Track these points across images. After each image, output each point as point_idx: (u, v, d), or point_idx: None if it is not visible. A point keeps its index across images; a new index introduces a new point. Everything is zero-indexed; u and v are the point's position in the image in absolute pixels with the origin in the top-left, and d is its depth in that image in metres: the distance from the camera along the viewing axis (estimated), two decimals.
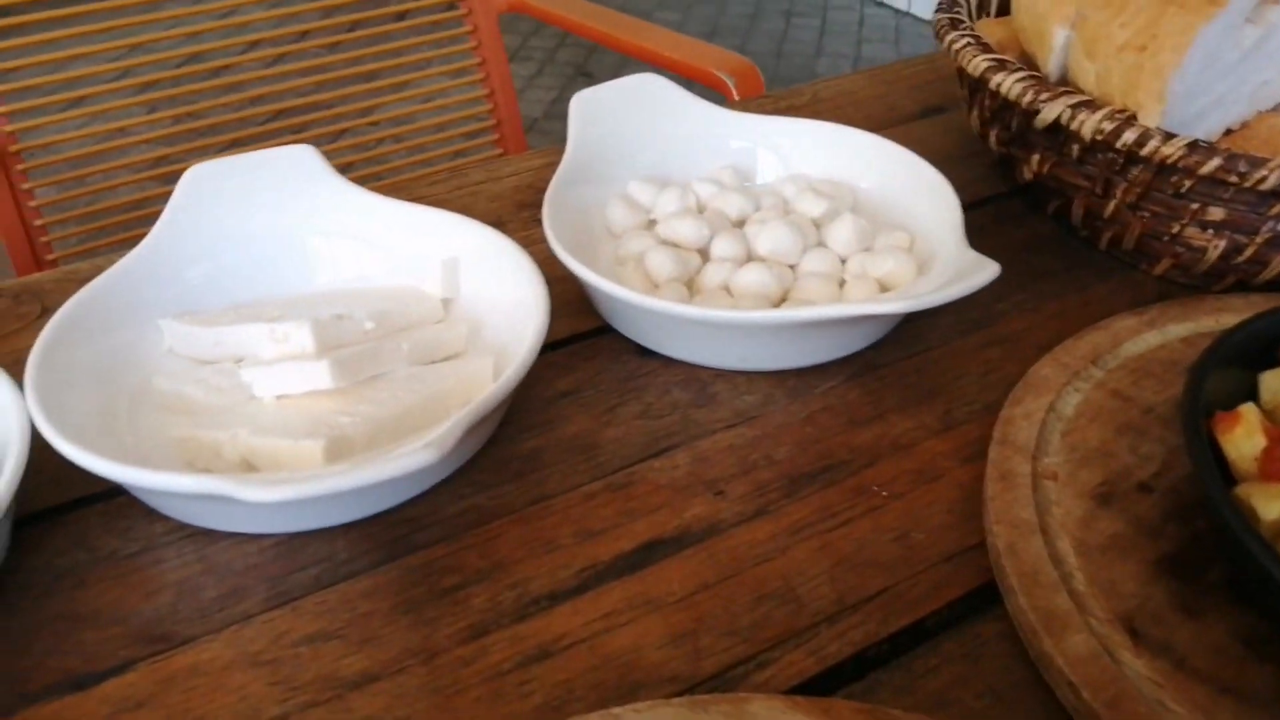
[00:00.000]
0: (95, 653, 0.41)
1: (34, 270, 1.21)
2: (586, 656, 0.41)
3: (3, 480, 0.41)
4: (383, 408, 0.47)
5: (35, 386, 0.45)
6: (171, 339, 0.54)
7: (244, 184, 0.58)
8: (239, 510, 0.45)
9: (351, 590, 0.44)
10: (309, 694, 0.40)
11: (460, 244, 0.57)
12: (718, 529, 0.46)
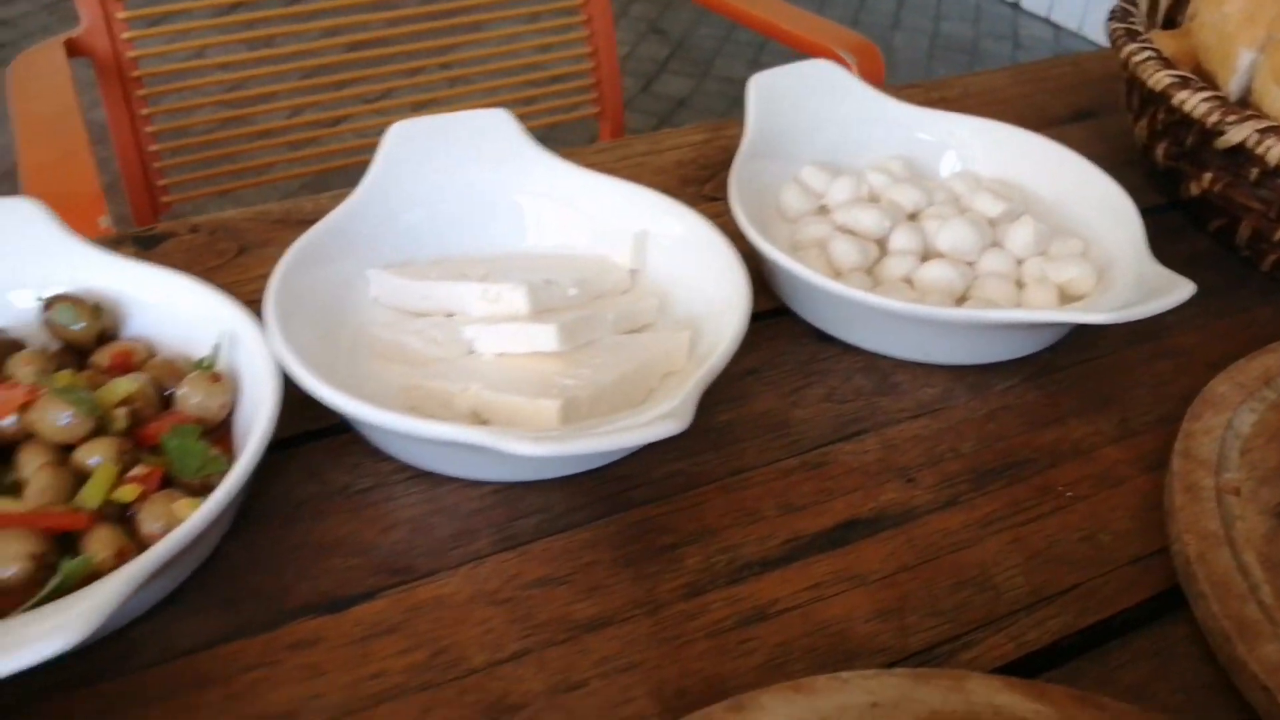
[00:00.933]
0: (343, 579, 0.45)
1: (147, 206, 1.24)
2: (800, 623, 0.44)
3: (266, 412, 0.45)
4: (599, 373, 0.51)
5: (277, 322, 0.48)
6: (378, 290, 0.57)
7: (448, 141, 0.61)
8: (471, 458, 0.48)
9: (573, 541, 0.47)
10: (547, 633, 0.43)
11: (650, 217, 0.60)
12: (912, 515, 0.49)
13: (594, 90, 1.52)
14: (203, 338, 0.51)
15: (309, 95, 1.39)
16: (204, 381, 0.48)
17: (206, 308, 0.51)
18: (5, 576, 0.40)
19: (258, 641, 0.42)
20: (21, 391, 0.45)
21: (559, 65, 1.50)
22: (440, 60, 1.46)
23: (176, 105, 1.27)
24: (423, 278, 0.56)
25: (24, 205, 0.54)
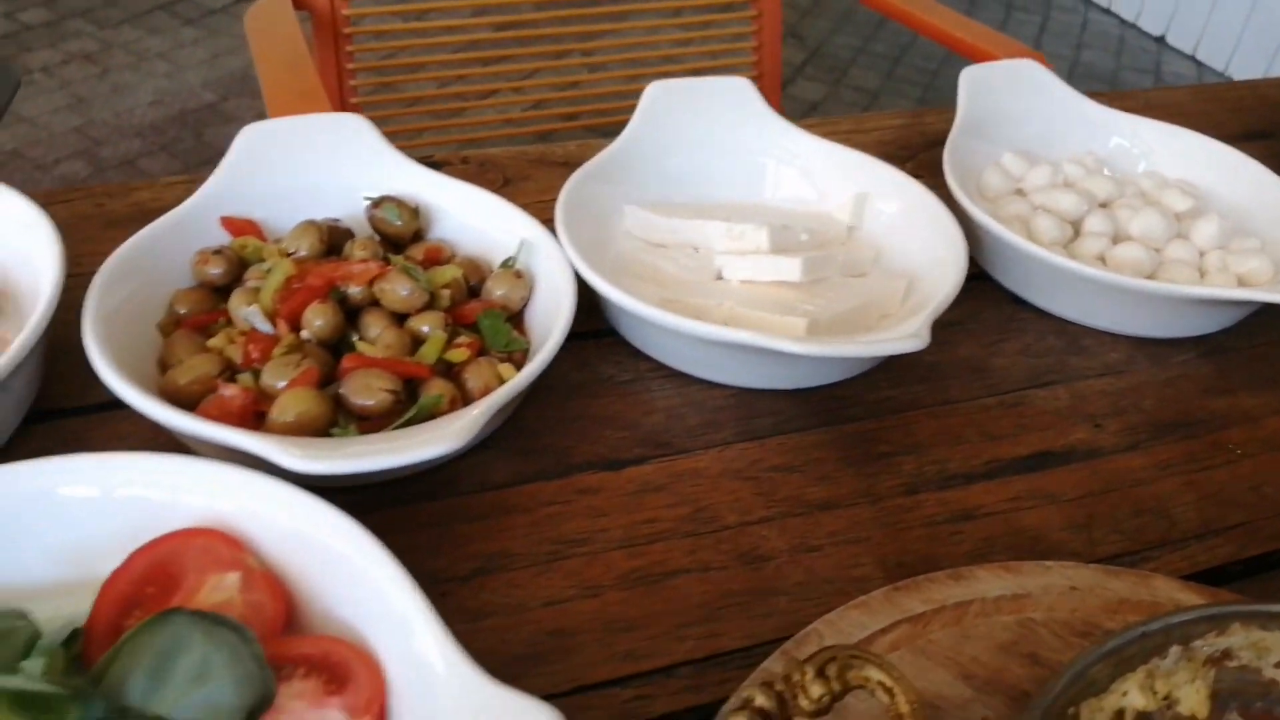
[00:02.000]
0: (615, 446, 0.55)
1: None
2: (1001, 525, 0.53)
3: (566, 305, 0.55)
4: (831, 305, 0.59)
5: (567, 235, 0.58)
6: (632, 222, 0.67)
7: (697, 101, 0.71)
8: (717, 362, 0.58)
9: (803, 440, 0.56)
10: (786, 506, 0.53)
11: (870, 181, 0.69)
12: (1098, 453, 0.57)
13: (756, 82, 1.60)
14: (494, 243, 0.62)
15: (458, 69, 1.50)
16: (508, 277, 0.58)
17: (502, 218, 0.62)
18: (371, 404, 0.50)
19: (552, 485, 0.52)
20: (375, 266, 0.56)
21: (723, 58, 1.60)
22: (582, 45, 1.57)
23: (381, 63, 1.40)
24: (672, 215, 0.66)
25: (352, 120, 0.65)
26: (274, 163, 0.63)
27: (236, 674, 0.36)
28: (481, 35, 1.49)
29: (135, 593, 0.41)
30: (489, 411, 0.47)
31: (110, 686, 0.36)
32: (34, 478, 0.42)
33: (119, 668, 0.36)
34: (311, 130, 0.64)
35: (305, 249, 0.58)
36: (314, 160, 0.63)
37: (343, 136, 0.64)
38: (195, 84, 2.83)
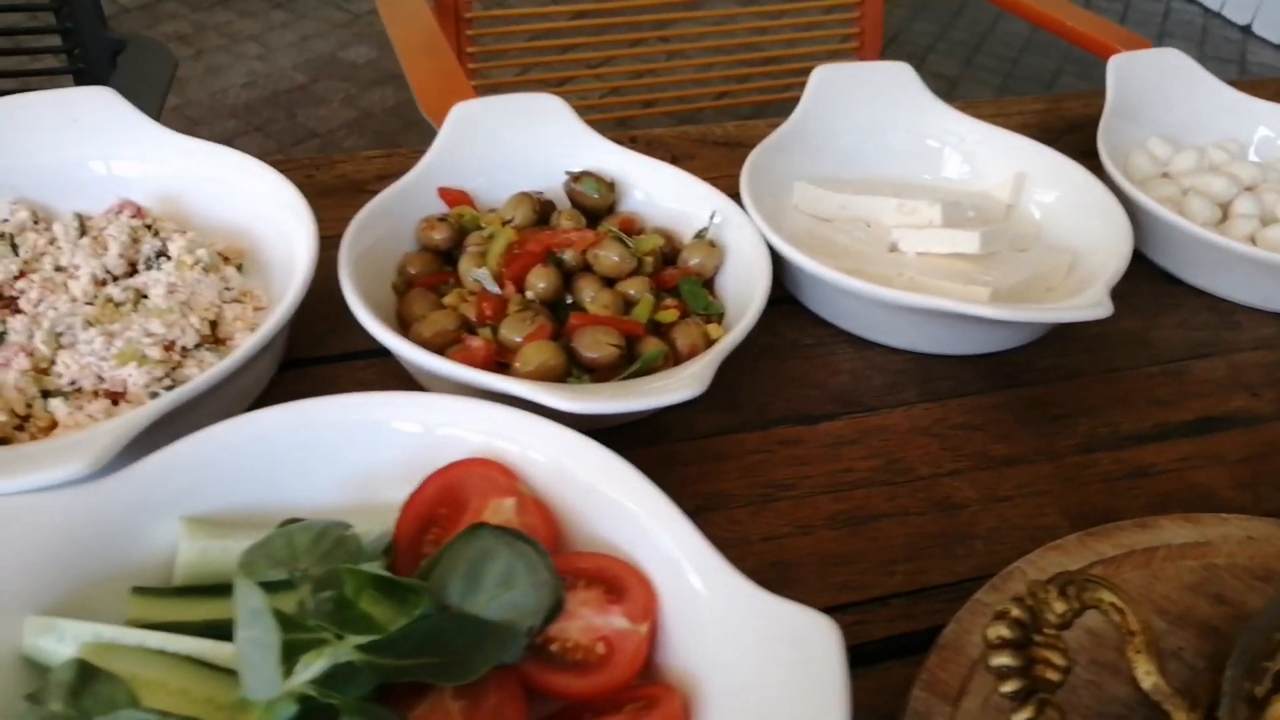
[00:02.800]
0: (807, 403, 0.60)
1: None
2: (1174, 483, 0.57)
3: (763, 274, 0.60)
4: (1005, 276, 0.64)
5: (754, 209, 0.63)
6: (800, 197, 0.72)
7: (861, 85, 0.75)
8: (899, 328, 0.62)
9: (981, 402, 0.61)
10: (972, 461, 0.57)
11: (1029, 161, 0.73)
12: (1259, 420, 0.61)
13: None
14: (679, 215, 0.67)
15: (535, 56, 1.55)
16: (703, 247, 0.64)
17: (691, 192, 0.67)
18: (599, 357, 0.56)
19: (755, 435, 0.58)
20: (591, 234, 0.62)
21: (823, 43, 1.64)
22: (659, 34, 1.61)
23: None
24: (840, 191, 0.71)
25: (551, 100, 0.70)
26: (482, 139, 0.68)
27: (536, 581, 0.42)
28: (560, 24, 1.54)
29: (430, 513, 0.47)
30: (717, 361, 0.52)
31: (432, 588, 0.42)
32: (367, 409, 0.48)
33: (439, 573, 0.42)
34: (515, 109, 0.70)
35: (520, 218, 0.64)
36: (517, 136, 0.69)
37: (543, 115, 0.70)
38: (286, 66, 2.92)
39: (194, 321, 0.56)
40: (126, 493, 0.45)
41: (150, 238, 0.61)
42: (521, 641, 0.40)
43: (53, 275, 0.58)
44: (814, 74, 0.75)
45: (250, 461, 0.47)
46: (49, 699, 0.38)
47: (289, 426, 0.48)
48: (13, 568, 0.41)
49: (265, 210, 0.63)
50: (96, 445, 0.44)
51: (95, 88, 0.67)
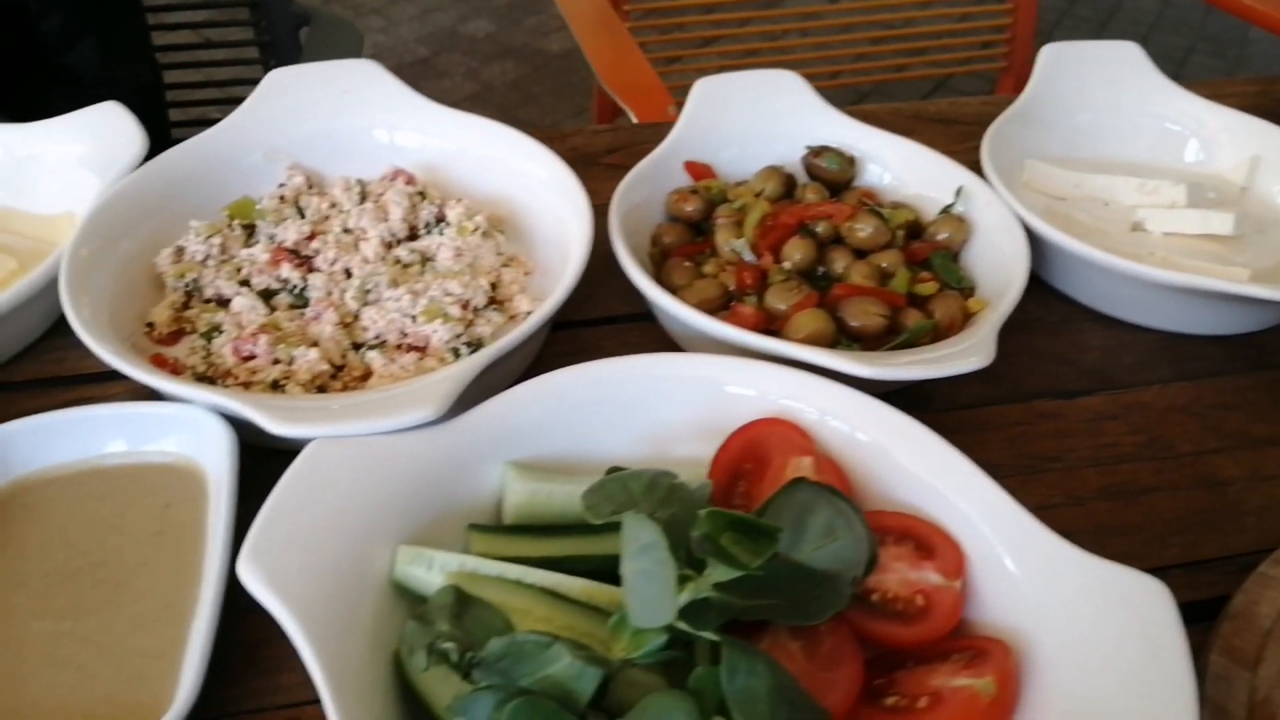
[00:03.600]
0: (1061, 379, 0.61)
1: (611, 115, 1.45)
2: None
3: (1021, 251, 0.61)
4: (1260, 259, 0.64)
5: (998, 181, 0.65)
6: (1031, 176, 0.73)
7: (1089, 64, 0.76)
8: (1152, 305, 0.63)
9: (1236, 383, 0.62)
10: (1233, 440, 0.58)
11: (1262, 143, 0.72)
12: None
13: (1006, 45, 1.63)
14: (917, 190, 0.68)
15: (649, 35, 1.57)
16: (952, 221, 0.65)
17: (934, 167, 0.68)
18: (866, 325, 0.58)
19: (1015, 408, 0.59)
20: (847, 206, 0.64)
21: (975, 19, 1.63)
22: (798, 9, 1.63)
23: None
24: (1074, 169, 0.71)
25: (788, 76, 0.72)
26: (724, 114, 0.71)
27: (855, 534, 0.44)
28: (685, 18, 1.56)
29: (737, 467, 0.50)
30: (995, 332, 0.54)
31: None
32: (664, 368, 0.52)
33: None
34: (754, 84, 0.72)
35: (770, 191, 0.66)
36: (757, 111, 0.71)
37: (781, 91, 0.72)
38: (408, 39, 2.98)
39: (483, 283, 0.60)
40: (461, 438, 0.49)
41: (426, 204, 0.65)
42: (849, 590, 0.43)
43: (342, 237, 0.63)
44: (1043, 52, 0.76)
45: (563, 414, 0.51)
46: (435, 620, 0.41)
47: (597, 383, 0.51)
48: (382, 501, 0.45)
49: (525, 180, 0.67)
50: (440, 393, 0.48)
51: (361, 60, 0.71)
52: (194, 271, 0.60)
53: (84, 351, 0.61)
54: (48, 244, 0.65)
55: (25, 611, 0.46)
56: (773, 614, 0.41)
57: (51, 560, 0.48)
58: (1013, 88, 1.66)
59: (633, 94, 1.14)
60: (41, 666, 0.44)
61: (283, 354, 0.55)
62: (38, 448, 0.51)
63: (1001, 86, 1.67)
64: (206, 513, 0.50)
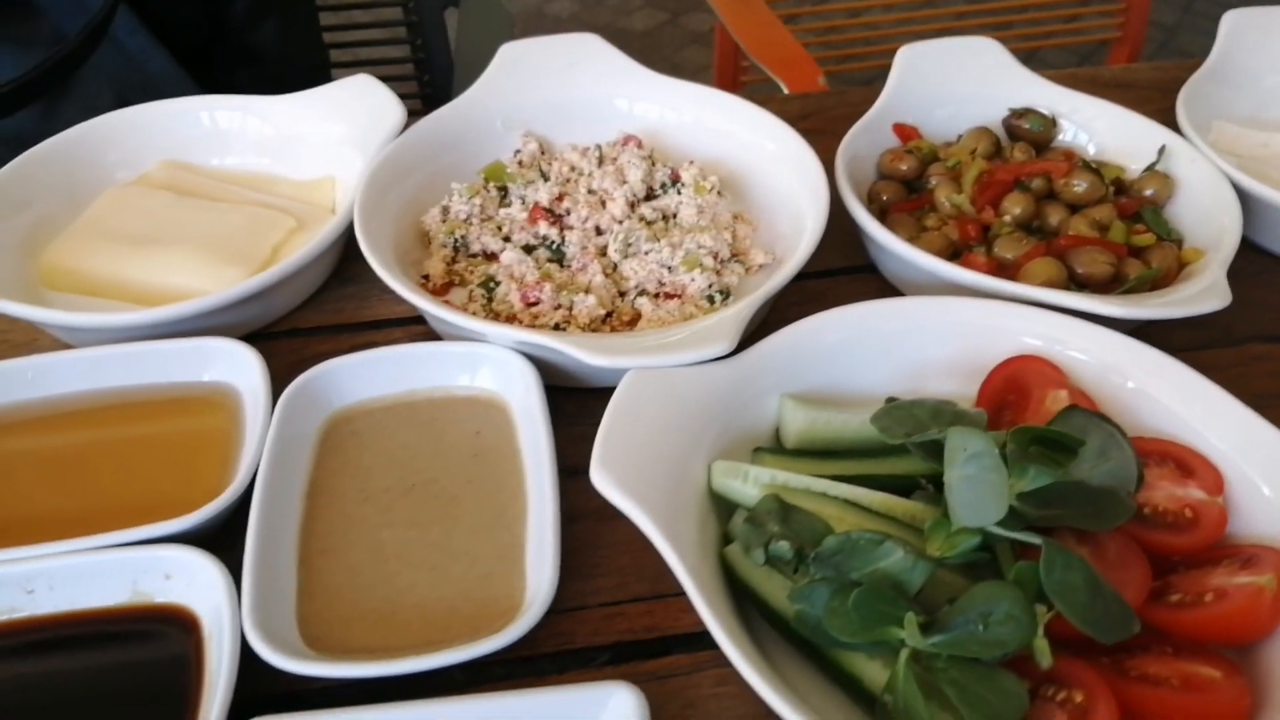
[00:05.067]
0: (1269, 324, 0.65)
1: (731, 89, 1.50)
2: None
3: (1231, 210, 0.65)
4: None
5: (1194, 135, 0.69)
6: (1219, 136, 0.76)
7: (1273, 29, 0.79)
8: None
9: None
10: None
11: None
12: None
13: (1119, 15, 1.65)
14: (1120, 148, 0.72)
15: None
16: (1157, 178, 0.69)
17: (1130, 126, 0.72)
18: (1094, 272, 0.62)
19: (1227, 352, 0.64)
20: (1065, 164, 0.68)
21: None
22: None
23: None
24: (1263, 129, 0.75)
25: (988, 43, 0.77)
26: (927, 78, 0.75)
27: (1125, 455, 0.49)
28: None
29: (1000, 398, 0.55)
30: (1223, 275, 0.59)
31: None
32: (929, 310, 0.58)
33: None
34: (955, 51, 0.77)
35: (982, 149, 0.71)
36: (959, 75, 0.76)
37: (979, 55, 0.77)
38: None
39: (726, 237, 0.65)
40: (746, 371, 0.54)
41: (659, 167, 0.71)
42: (1130, 502, 0.48)
43: (588, 197, 0.69)
44: (1226, 18, 0.80)
45: (832, 351, 0.56)
46: (765, 523, 0.47)
47: (862, 323, 0.57)
48: (689, 423, 0.51)
49: (741, 142, 0.72)
50: (732, 330, 0.54)
51: (582, 34, 0.77)
52: (460, 229, 0.67)
53: (359, 302, 0.69)
54: (312, 205, 0.72)
55: (375, 522, 0.53)
56: (1070, 520, 0.46)
57: (387, 479, 0.55)
58: (1127, 57, 1.69)
59: (783, 66, 1.18)
60: (400, 568, 0.51)
61: (564, 300, 0.61)
62: (358, 382, 0.58)
63: (1114, 57, 1.69)
64: (515, 438, 0.56)
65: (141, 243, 0.67)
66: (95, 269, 0.66)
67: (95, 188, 0.72)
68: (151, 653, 0.48)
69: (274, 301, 0.65)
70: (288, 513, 0.52)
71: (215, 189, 0.72)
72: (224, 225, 0.68)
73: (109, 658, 0.48)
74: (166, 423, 0.58)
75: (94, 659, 0.48)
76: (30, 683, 0.47)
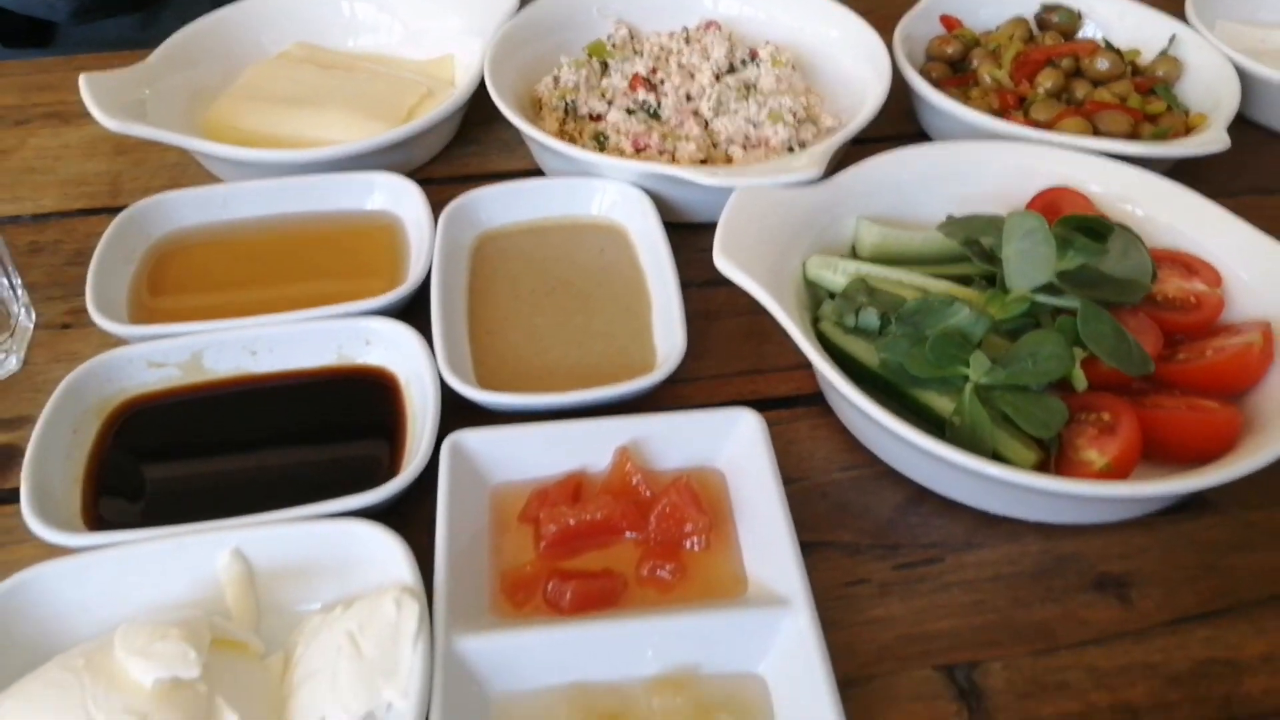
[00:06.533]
0: (1265, 176, 0.78)
1: None
2: None
3: (1229, 84, 0.78)
4: None
5: (1214, 37, 0.81)
6: (1220, 33, 0.88)
7: None
8: None
9: None
10: None
11: None
12: None
13: None
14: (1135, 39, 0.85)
15: None
16: (1168, 61, 0.81)
17: (1145, 19, 0.84)
18: (1115, 129, 0.75)
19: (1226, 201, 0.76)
20: (1090, 45, 0.80)
21: None
22: None
23: None
24: (1261, 28, 0.87)
25: None
26: None
27: (1142, 255, 0.62)
28: None
29: None
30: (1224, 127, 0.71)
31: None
32: (978, 151, 0.70)
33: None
34: None
35: (1019, 34, 0.83)
36: None
37: None
38: None
39: (802, 101, 0.77)
40: (829, 195, 0.66)
41: (739, 46, 0.82)
42: (1149, 286, 0.60)
43: (678, 69, 0.80)
44: None
45: (899, 184, 0.68)
46: (854, 298, 0.59)
47: (924, 160, 0.69)
48: (785, 229, 0.63)
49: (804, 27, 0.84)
50: (820, 160, 0.66)
51: None
52: (570, 94, 0.78)
53: (480, 158, 0.81)
54: (436, 79, 0.84)
55: (527, 313, 0.65)
56: (1100, 295, 0.59)
57: (532, 282, 0.67)
58: None
59: None
60: (551, 345, 0.63)
61: (669, 145, 0.73)
62: (501, 207, 0.70)
63: None
64: (635, 254, 0.68)
65: (293, 103, 0.79)
66: (253, 125, 0.78)
67: (245, 60, 0.83)
68: (360, 398, 0.60)
69: (413, 152, 0.77)
70: (457, 303, 0.64)
71: (351, 63, 0.84)
72: (364, 90, 0.80)
73: (324, 403, 0.60)
74: (343, 239, 0.70)
75: (310, 404, 0.60)
76: (258, 423, 0.59)
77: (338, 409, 0.60)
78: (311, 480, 0.56)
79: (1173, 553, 0.55)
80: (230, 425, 0.59)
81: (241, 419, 0.59)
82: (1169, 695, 0.49)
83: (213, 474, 0.57)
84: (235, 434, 0.59)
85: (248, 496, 0.53)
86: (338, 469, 0.57)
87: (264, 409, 0.60)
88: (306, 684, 0.45)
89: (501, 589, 0.50)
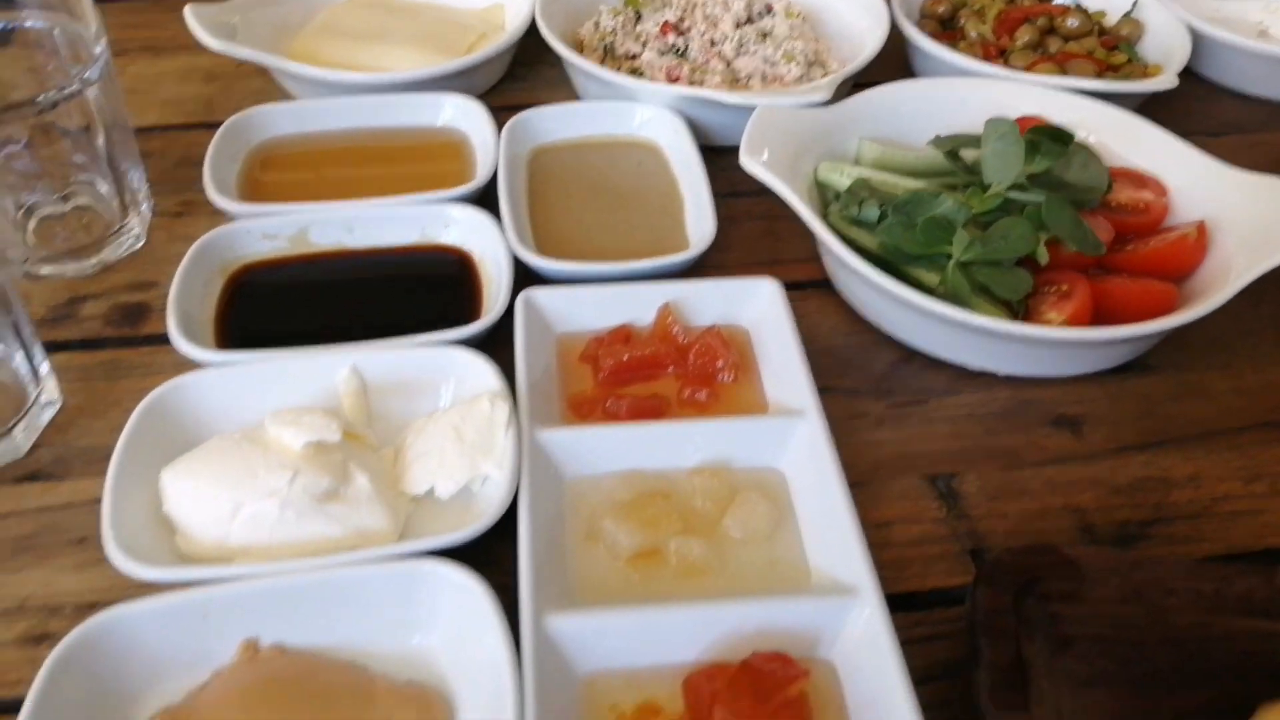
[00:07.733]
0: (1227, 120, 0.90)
1: None
2: None
3: (1181, 40, 0.90)
4: None
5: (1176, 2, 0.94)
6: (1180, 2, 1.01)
7: None
8: (1267, 79, 0.92)
9: None
10: None
11: None
12: None
13: None
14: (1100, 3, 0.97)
15: None
16: (1130, 22, 0.94)
17: None
18: (1083, 73, 0.87)
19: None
20: (1061, 7, 0.93)
21: None
22: None
23: None
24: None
25: None
26: None
27: (1099, 167, 0.74)
28: None
29: None
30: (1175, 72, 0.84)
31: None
32: (957, 87, 0.81)
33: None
34: None
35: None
36: None
37: None
38: None
39: (812, 45, 0.90)
40: (837, 117, 0.78)
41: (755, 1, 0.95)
42: (1105, 191, 0.72)
43: (703, 19, 0.93)
44: None
45: (897, 112, 0.80)
46: (858, 193, 0.72)
47: (915, 91, 0.81)
48: (800, 138, 0.75)
49: None
50: (830, 86, 0.78)
51: None
52: (609, 37, 0.91)
53: (529, 94, 0.93)
54: (489, 23, 0.96)
55: (577, 210, 0.77)
56: (1065, 195, 0.71)
57: (580, 185, 0.79)
58: None
59: None
60: (600, 233, 0.75)
61: (696, 77, 0.85)
62: (551, 124, 0.82)
63: None
64: (669, 166, 0.80)
65: (366, 39, 0.91)
66: (332, 56, 0.89)
67: (321, 3, 0.95)
68: (441, 269, 0.71)
69: (473, 80, 0.89)
70: (520, 199, 0.76)
71: (413, 7, 0.96)
72: (428, 29, 0.92)
73: (412, 271, 0.71)
74: (417, 150, 0.81)
75: (400, 272, 0.71)
76: (356, 288, 0.71)
77: (424, 276, 0.71)
78: (404, 330, 0.67)
79: (1119, 401, 0.67)
80: (333, 288, 0.70)
81: (342, 283, 0.71)
82: (1112, 500, 0.61)
83: (320, 323, 0.68)
84: (337, 294, 0.70)
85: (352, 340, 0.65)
86: (426, 324, 0.68)
87: (361, 276, 0.71)
88: (418, 462, 0.56)
89: (569, 407, 0.62)
